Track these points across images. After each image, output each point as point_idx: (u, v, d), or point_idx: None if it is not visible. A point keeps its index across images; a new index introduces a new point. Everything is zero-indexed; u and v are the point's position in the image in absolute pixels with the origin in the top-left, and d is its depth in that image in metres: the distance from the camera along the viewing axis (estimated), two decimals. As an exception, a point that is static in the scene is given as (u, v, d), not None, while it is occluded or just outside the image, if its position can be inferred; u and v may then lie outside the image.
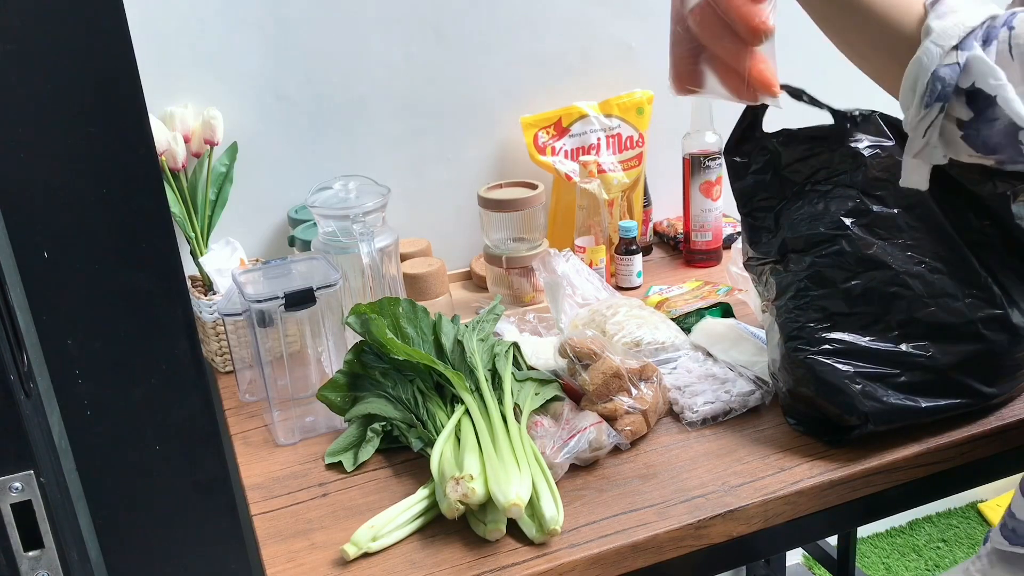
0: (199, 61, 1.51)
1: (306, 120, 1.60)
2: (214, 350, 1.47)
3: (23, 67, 0.64)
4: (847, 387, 1.09)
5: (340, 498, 1.13)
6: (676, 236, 1.81)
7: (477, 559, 1.01)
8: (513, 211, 1.54)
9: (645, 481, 1.12)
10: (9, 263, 0.66)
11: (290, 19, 1.53)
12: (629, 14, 1.74)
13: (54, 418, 0.70)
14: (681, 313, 1.44)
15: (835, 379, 1.09)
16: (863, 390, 1.08)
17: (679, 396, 1.24)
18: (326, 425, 1.28)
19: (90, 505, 0.74)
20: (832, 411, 1.10)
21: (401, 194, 1.60)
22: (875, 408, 1.08)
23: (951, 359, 1.10)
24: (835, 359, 1.10)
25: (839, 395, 1.09)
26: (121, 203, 0.69)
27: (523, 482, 1.02)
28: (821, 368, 1.10)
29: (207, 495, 0.78)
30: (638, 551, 1.02)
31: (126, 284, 0.71)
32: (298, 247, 1.53)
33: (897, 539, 2.39)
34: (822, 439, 1.14)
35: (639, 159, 1.74)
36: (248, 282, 1.25)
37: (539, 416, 1.18)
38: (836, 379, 1.09)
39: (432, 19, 1.61)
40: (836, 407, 1.10)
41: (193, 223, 1.49)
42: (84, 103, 0.66)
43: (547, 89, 1.72)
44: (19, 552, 0.67)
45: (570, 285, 1.44)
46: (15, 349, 0.64)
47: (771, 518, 1.08)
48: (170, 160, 1.47)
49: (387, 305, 1.24)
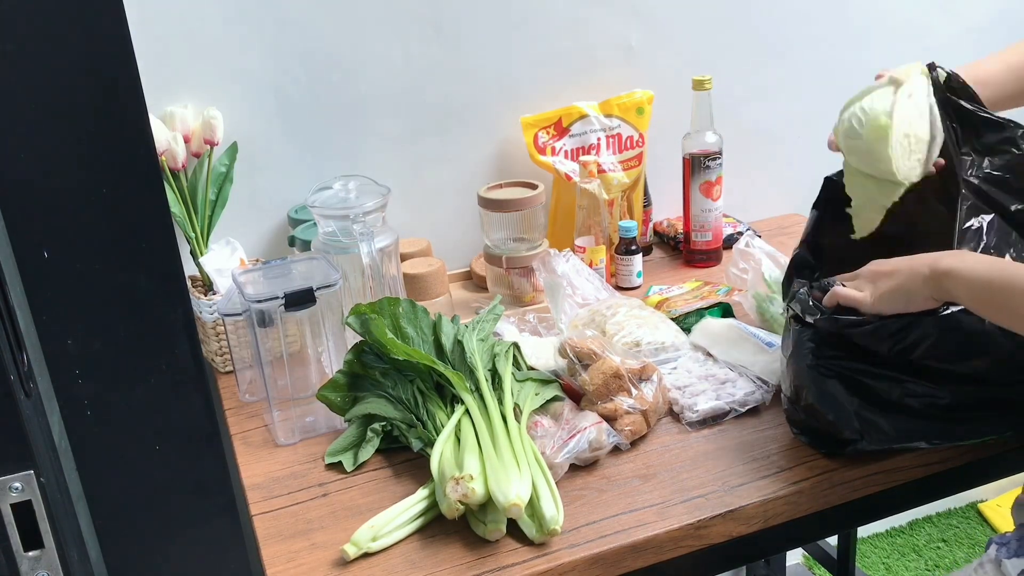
0: (199, 61, 1.51)
1: (306, 120, 1.60)
2: (214, 350, 1.47)
3: (23, 67, 0.64)
4: (853, 415, 1.07)
5: (340, 498, 1.13)
6: (676, 236, 1.81)
7: (477, 559, 1.01)
8: (513, 211, 1.54)
9: (645, 481, 1.12)
10: (9, 263, 0.66)
11: (290, 19, 1.53)
12: (629, 14, 1.74)
13: (54, 418, 0.70)
14: (681, 313, 1.44)
15: (847, 406, 1.07)
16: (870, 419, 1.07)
17: (679, 396, 1.24)
18: (326, 425, 1.28)
19: (90, 505, 0.74)
20: (843, 435, 1.09)
21: (401, 194, 1.60)
22: (877, 435, 1.07)
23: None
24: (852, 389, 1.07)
25: (847, 418, 1.07)
26: (121, 203, 0.69)
27: (523, 482, 1.02)
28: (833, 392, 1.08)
29: (207, 495, 0.78)
30: (638, 551, 1.02)
31: (126, 284, 0.71)
32: (298, 247, 1.53)
33: (897, 539, 2.39)
34: (820, 451, 1.14)
35: (639, 159, 1.74)
36: (248, 282, 1.25)
37: (539, 416, 1.18)
38: (847, 406, 1.07)
39: (432, 19, 1.61)
40: (845, 431, 1.08)
41: (193, 223, 1.49)
42: (84, 103, 0.66)
43: (547, 89, 1.72)
44: (19, 552, 0.67)
45: (570, 285, 1.44)
46: (15, 349, 0.64)
47: (771, 518, 1.08)
48: (170, 160, 1.47)
49: (387, 305, 1.24)
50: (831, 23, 1.90)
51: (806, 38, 1.89)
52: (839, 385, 1.07)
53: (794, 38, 1.88)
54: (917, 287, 1.02)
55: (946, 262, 1.00)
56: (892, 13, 1.92)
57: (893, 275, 1.05)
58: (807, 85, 1.90)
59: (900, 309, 1.04)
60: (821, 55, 1.91)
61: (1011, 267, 0.97)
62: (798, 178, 1.99)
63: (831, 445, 1.11)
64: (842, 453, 1.11)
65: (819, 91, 1.83)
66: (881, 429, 1.07)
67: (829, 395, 1.08)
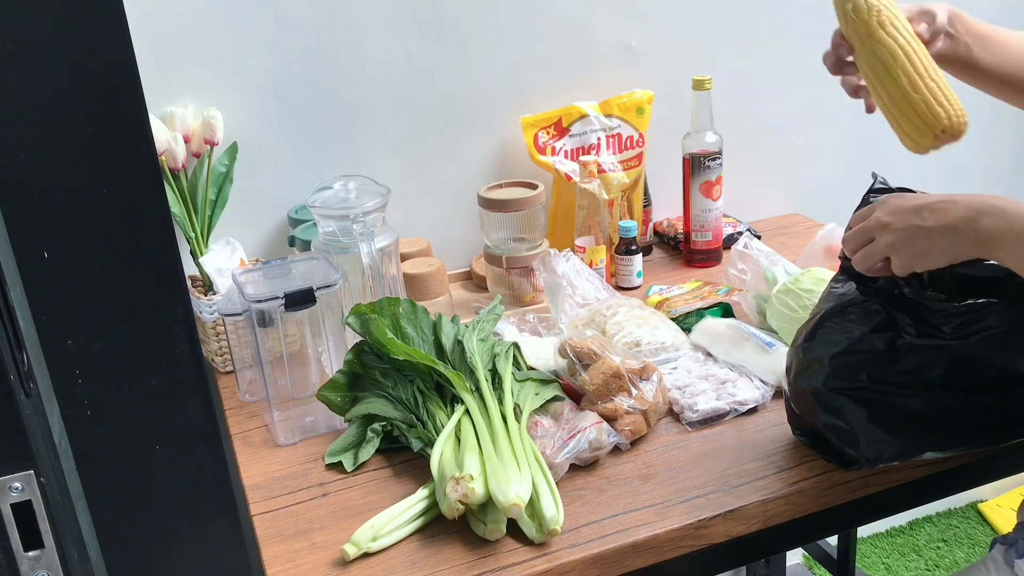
0: (199, 61, 1.51)
1: (306, 120, 1.60)
2: (214, 350, 1.47)
3: (23, 67, 0.64)
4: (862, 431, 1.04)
5: (340, 498, 1.13)
6: (676, 236, 1.81)
7: (477, 559, 1.01)
8: (513, 211, 1.54)
9: (645, 481, 1.12)
10: (9, 263, 0.66)
11: (290, 19, 1.53)
12: (629, 14, 1.74)
13: (54, 418, 0.70)
14: (681, 313, 1.44)
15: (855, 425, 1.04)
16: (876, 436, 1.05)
17: (679, 396, 1.24)
18: (326, 425, 1.28)
19: (90, 505, 0.74)
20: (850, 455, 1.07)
21: (401, 194, 1.60)
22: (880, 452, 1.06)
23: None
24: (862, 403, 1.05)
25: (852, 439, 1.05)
26: (121, 203, 0.69)
27: (523, 482, 1.02)
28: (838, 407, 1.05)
29: (207, 495, 0.78)
30: (638, 551, 1.02)
31: (126, 284, 0.71)
32: (298, 247, 1.53)
33: (897, 539, 2.39)
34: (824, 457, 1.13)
35: (639, 159, 1.74)
36: (248, 282, 1.25)
37: (539, 416, 1.18)
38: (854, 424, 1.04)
39: (432, 19, 1.61)
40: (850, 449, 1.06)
41: (193, 223, 1.49)
42: (84, 103, 0.66)
43: (547, 89, 1.72)
44: (19, 552, 0.67)
45: (570, 285, 1.44)
46: (15, 349, 0.64)
47: (771, 518, 1.08)
48: (170, 160, 1.47)
49: (387, 305, 1.24)
50: (831, 23, 1.89)
51: (806, 38, 1.89)
52: (848, 408, 1.04)
53: (794, 38, 1.88)
54: (959, 249, 0.92)
55: (987, 223, 0.90)
56: (892, 13, 1.92)
57: (928, 235, 0.93)
58: (807, 85, 1.89)
59: (937, 266, 0.95)
60: (821, 55, 1.91)
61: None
62: (798, 178, 2.00)
63: (836, 459, 1.11)
64: (847, 469, 1.10)
65: (819, 91, 1.83)
66: (891, 447, 1.05)
67: (836, 423, 1.05)
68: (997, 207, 0.91)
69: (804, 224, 1.93)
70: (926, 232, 0.93)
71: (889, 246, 0.96)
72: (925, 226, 0.94)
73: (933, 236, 0.93)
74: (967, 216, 0.92)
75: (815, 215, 1.98)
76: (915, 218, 0.94)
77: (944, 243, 0.93)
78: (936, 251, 0.94)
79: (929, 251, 0.94)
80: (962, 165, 2.08)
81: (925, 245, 0.94)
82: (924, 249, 0.94)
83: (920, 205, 0.95)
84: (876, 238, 0.98)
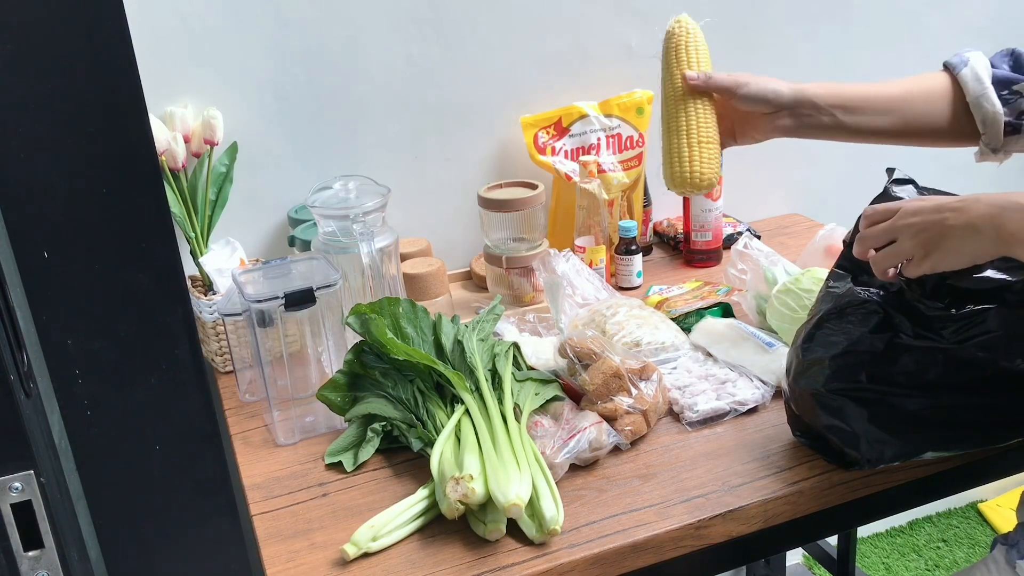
0: (199, 61, 1.51)
1: (306, 120, 1.59)
2: (214, 350, 1.47)
3: (23, 67, 0.64)
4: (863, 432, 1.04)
5: (340, 498, 1.13)
6: (676, 236, 1.81)
7: (477, 559, 1.01)
8: (513, 211, 1.54)
9: (645, 481, 1.12)
10: (9, 263, 0.66)
11: (290, 19, 1.53)
12: (629, 14, 1.74)
13: (54, 418, 0.70)
14: (681, 313, 1.44)
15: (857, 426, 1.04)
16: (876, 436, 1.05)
17: (679, 396, 1.24)
18: (326, 425, 1.28)
19: (90, 505, 0.74)
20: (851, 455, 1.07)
21: (401, 194, 1.60)
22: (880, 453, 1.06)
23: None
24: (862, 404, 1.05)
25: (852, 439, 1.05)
26: (121, 203, 0.69)
27: (523, 482, 1.02)
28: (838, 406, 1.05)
29: (207, 495, 0.78)
30: (638, 551, 1.02)
31: (126, 284, 0.71)
32: (298, 247, 1.53)
33: (897, 539, 2.39)
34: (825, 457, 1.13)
35: (639, 159, 1.74)
36: (248, 282, 1.25)
37: (539, 416, 1.18)
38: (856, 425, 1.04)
39: (432, 19, 1.61)
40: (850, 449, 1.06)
41: (193, 223, 1.49)
42: (84, 103, 0.66)
43: (547, 89, 1.72)
44: (19, 552, 0.67)
45: (570, 285, 1.44)
46: (15, 349, 0.64)
47: (771, 518, 1.08)
48: (170, 160, 1.47)
49: (387, 305, 1.24)
50: (831, 23, 1.90)
51: (806, 38, 1.89)
52: (848, 409, 1.04)
53: (794, 38, 1.88)
54: (981, 248, 0.92)
55: (1008, 220, 0.89)
56: (892, 14, 1.92)
57: (951, 234, 0.93)
58: (807, 85, 1.89)
59: (960, 266, 0.95)
60: (821, 55, 1.91)
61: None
62: (798, 178, 2.00)
63: (837, 460, 1.11)
64: (847, 469, 1.10)
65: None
66: (891, 448, 1.05)
67: (837, 424, 1.05)
68: (1019, 204, 0.91)
69: (804, 224, 1.93)
70: (949, 231, 0.93)
71: (914, 247, 0.96)
72: (948, 224, 0.94)
73: (955, 235, 0.93)
74: (989, 214, 0.92)
75: (815, 215, 1.98)
76: (938, 217, 0.94)
77: (966, 242, 0.93)
78: (958, 250, 0.94)
79: (952, 250, 0.94)
80: (962, 165, 2.08)
81: (948, 245, 0.94)
82: (948, 248, 0.94)
83: (942, 204, 0.95)
84: (899, 238, 0.97)
